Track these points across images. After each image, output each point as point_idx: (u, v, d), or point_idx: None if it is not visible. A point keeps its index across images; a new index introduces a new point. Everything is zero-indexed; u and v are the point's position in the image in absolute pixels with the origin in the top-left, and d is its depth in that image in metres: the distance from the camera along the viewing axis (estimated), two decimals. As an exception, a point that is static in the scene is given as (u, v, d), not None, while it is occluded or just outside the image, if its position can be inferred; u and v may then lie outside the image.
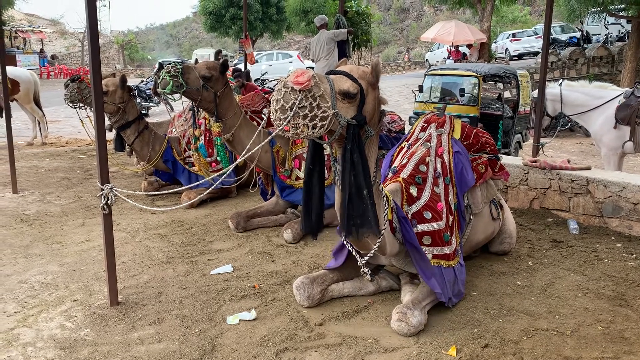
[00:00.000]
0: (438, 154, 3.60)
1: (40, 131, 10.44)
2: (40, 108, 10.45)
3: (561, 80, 7.17)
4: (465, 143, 3.84)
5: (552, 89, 6.85)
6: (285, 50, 39.64)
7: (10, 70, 8.87)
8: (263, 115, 5.97)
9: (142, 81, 17.35)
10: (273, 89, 9.58)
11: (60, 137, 11.25)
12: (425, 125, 3.81)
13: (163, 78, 4.46)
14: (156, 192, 4.38)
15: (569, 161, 5.51)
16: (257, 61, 21.47)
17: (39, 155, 9.09)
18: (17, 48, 34.56)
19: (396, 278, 3.62)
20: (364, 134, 2.71)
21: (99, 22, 3.40)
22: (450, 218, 3.45)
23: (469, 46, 21.38)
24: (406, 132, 4.97)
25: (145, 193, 4.26)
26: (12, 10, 37.12)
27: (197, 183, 4.33)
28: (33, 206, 5.86)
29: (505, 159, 5.20)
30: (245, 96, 6.28)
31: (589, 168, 5.39)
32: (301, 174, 5.03)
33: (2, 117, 10.02)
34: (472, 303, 3.47)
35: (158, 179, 6.49)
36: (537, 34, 26.77)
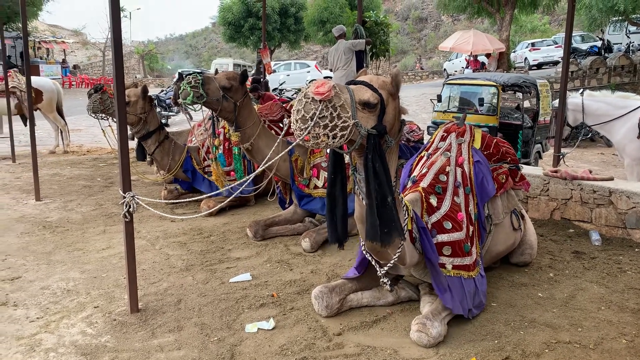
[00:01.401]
0: (458, 164, 3.58)
1: (63, 140, 10.62)
2: (62, 117, 10.64)
3: (582, 89, 7.10)
4: (485, 153, 3.82)
5: (574, 98, 6.78)
6: (303, 60, 39.85)
7: (33, 80, 9.05)
8: (281, 125, 6.01)
9: (162, 91, 17.57)
10: (291, 99, 9.68)
11: (81, 146, 11.43)
12: (445, 134, 3.79)
13: (184, 89, 4.52)
14: (176, 201, 4.43)
15: (590, 171, 5.44)
16: (274, 71, 21.59)
17: (61, 163, 9.24)
18: (40, 58, 35.22)
19: (415, 288, 3.60)
20: (384, 144, 2.71)
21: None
22: (471, 228, 3.42)
23: (488, 55, 21.30)
24: (425, 141, 4.96)
25: (165, 201, 4.31)
26: (36, 21, 37.97)
27: (217, 192, 4.36)
28: (55, 213, 5.95)
29: (525, 169, 5.16)
30: (264, 105, 6.33)
31: (611, 179, 5.31)
32: (319, 183, 5.04)
33: (26, 125, 10.24)
34: (492, 314, 3.44)
35: (178, 187, 6.56)
36: (556, 43, 26.60)
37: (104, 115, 6.26)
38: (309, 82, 2.57)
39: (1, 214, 5.89)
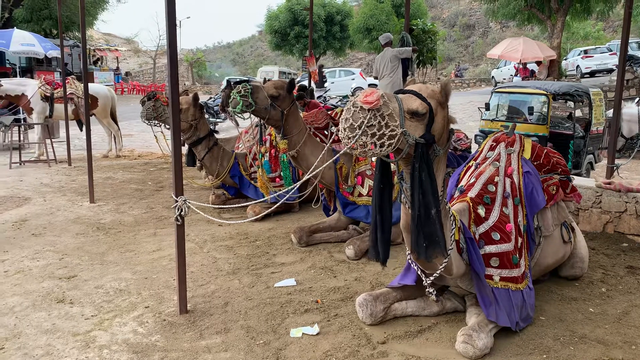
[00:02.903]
0: (507, 174, 3.53)
1: (115, 144, 11.02)
2: (116, 123, 11.05)
3: (638, 99, 6.86)
4: (535, 163, 3.75)
5: (629, 109, 6.57)
6: (348, 67, 39.96)
7: (90, 87, 9.43)
8: (326, 132, 6.06)
9: (210, 98, 17.97)
10: (335, 106, 9.75)
11: (133, 150, 11.81)
12: (494, 144, 3.75)
13: (234, 98, 4.63)
14: (224, 206, 4.54)
15: (646, 184, 5.24)
16: (324, 78, 21.73)
17: (114, 167, 9.59)
18: (95, 65, 36.64)
19: (461, 299, 3.56)
20: (432, 153, 2.71)
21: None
22: (520, 240, 3.36)
23: (538, 63, 20.80)
24: (472, 150, 4.90)
25: (214, 206, 4.44)
26: (92, 30, 39.54)
27: (264, 199, 4.44)
28: (108, 215, 6.18)
29: (577, 180, 5.02)
30: (309, 113, 6.39)
31: (669, 191, 5.11)
32: (364, 191, 5.05)
33: (82, 130, 10.68)
34: (540, 328, 3.36)
35: (225, 192, 6.70)
36: (610, 51, 25.68)
37: (156, 121, 6.47)
38: (354, 90, 2.60)
39: (58, 215, 6.17)
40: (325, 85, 19.45)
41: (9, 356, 3.09)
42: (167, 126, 6.47)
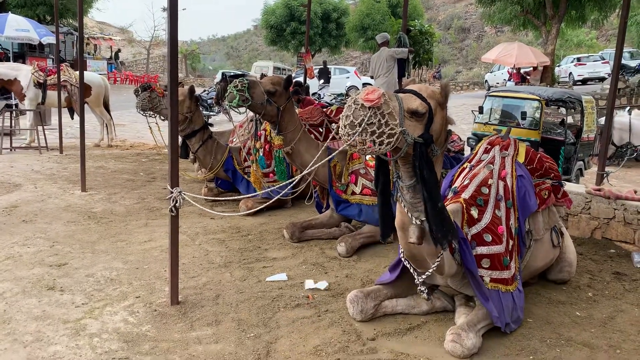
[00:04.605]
0: (501, 177, 3.57)
1: (107, 133, 10.95)
2: (108, 112, 10.98)
3: (629, 108, 6.95)
4: (529, 167, 3.80)
5: (621, 117, 6.65)
6: (343, 65, 39.99)
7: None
8: (321, 129, 6.08)
9: (204, 90, 17.91)
10: (329, 104, 9.74)
11: (125, 140, 11.74)
12: (489, 147, 3.79)
13: (230, 92, 4.63)
14: (218, 198, 4.55)
15: (635, 192, 5.31)
16: (329, 75, 21.51)
17: (106, 156, 9.53)
18: (89, 54, 36.25)
19: (451, 299, 3.60)
20: (430, 153, 2.74)
21: (163, 32, 3.62)
22: (511, 242, 3.40)
23: (534, 68, 20.96)
24: (465, 152, 4.94)
25: (207, 198, 4.45)
26: (86, 18, 39.21)
27: (257, 193, 4.45)
28: (100, 205, 6.15)
29: (567, 186, 5.08)
30: (304, 110, 6.41)
31: (657, 200, 5.18)
32: (357, 189, 5.08)
33: (73, 118, 10.61)
34: (528, 330, 3.41)
35: (218, 187, 6.69)
36: (603, 59, 25.94)
37: (152, 112, 6.45)
38: (348, 88, 2.64)
39: (49, 202, 6.13)
40: (322, 81, 19.39)
41: (-1, 341, 3.08)
42: (162, 117, 6.45)
